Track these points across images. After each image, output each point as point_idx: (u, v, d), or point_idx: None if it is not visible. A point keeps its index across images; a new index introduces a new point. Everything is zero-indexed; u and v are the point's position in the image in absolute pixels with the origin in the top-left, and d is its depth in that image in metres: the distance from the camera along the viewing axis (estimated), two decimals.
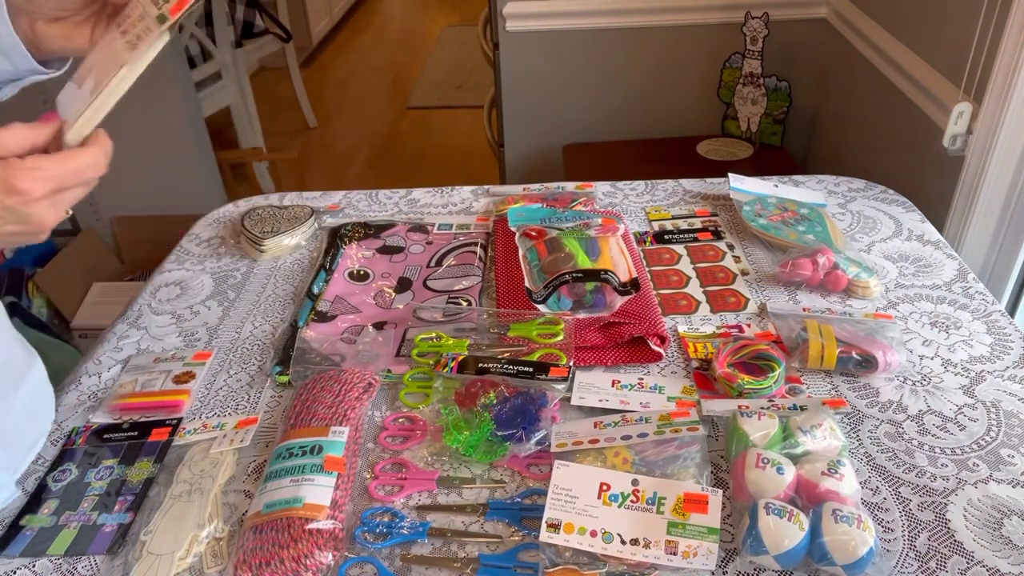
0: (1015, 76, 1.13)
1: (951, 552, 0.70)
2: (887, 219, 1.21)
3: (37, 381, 0.86)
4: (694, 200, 1.30)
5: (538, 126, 2.14)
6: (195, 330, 1.05)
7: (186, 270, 1.18)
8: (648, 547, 0.70)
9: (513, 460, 0.82)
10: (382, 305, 1.07)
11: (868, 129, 1.71)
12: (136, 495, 0.80)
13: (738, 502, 0.74)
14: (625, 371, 0.93)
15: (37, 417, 0.87)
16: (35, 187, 0.57)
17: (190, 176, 2.53)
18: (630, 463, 0.78)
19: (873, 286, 1.03)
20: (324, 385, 0.88)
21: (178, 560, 0.72)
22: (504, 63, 2.03)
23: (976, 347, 0.94)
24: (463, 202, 1.32)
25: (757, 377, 0.87)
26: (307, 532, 0.71)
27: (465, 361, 0.91)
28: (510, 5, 1.93)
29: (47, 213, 0.59)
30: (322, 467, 0.76)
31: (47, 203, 0.58)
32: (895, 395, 0.88)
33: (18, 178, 0.56)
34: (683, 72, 2.04)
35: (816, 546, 0.67)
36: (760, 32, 1.84)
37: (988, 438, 0.82)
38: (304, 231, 1.23)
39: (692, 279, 1.10)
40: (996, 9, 1.18)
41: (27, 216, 0.57)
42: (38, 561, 0.75)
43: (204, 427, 0.88)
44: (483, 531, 0.75)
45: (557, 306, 1.01)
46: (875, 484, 0.77)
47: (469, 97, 4.05)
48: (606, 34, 1.99)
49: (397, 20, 5.60)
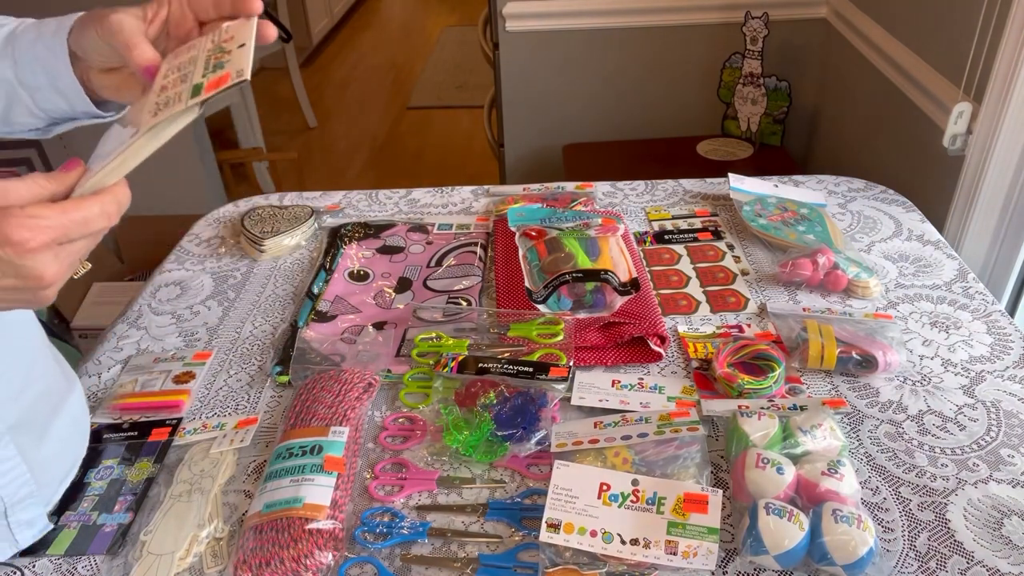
0: (1015, 76, 1.13)
1: (951, 552, 0.70)
2: (887, 219, 1.21)
3: (75, 408, 0.83)
4: (694, 200, 1.30)
5: (538, 126, 2.14)
6: (195, 330, 1.05)
7: (186, 270, 1.18)
8: (648, 547, 0.70)
9: (513, 460, 0.82)
10: (382, 305, 1.07)
11: (868, 129, 1.71)
12: (136, 495, 0.80)
13: (738, 502, 0.74)
14: (625, 371, 0.93)
15: (72, 445, 0.83)
16: (30, 237, 0.51)
17: (190, 176, 2.53)
18: (630, 463, 0.78)
19: (873, 286, 1.03)
20: (324, 385, 0.88)
21: (178, 560, 0.72)
22: (504, 63, 2.03)
23: (976, 347, 0.94)
24: (463, 202, 1.32)
25: (757, 377, 0.87)
26: (307, 532, 0.71)
27: (465, 361, 0.91)
28: (510, 5, 1.93)
29: (47, 267, 0.53)
30: (322, 467, 0.76)
31: (48, 256, 0.53)
32: (895, 395, 0.88)
33: (11, 227, 0.51)
34: (683, 72, 2.04)
35: (816, 546, 0.67)
36: (760, 32, 1.84)
37: (988, 438, 0.82)
38: (304, 231, 1.23)
39: (692, 279, 1.10)
40: (996, 9, 1.18)
41: (23, 269, 0.52)
42: (38, 561, 0.75)
43: (204, 427, 0.88)
44: (483, 531, 0.75)
45: (557, 306, 1.01)
46: (875, 484, 0.77)
47: (469, 97, 4.05)
48: (606, 34, 1.99)
49: (397, 20, 5.60)
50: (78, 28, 0.68)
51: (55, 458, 0.79)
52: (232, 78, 0.59)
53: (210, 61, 0.62)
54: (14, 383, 0.73)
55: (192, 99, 0.58)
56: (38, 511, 0.75)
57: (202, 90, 0.59)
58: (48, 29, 0.69)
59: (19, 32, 0.70)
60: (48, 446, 0.77)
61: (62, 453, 0.81)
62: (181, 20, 0.69)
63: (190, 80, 0.61)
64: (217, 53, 0.63)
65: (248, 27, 0.65)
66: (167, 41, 0.70)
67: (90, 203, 0.56)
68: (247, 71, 0.60)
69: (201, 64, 0.62)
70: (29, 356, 0.76)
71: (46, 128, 0.75)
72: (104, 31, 0.64)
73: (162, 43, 0.69)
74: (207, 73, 0.61)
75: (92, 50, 0.67)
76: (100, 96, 0.71)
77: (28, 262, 0.52)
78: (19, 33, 0.69)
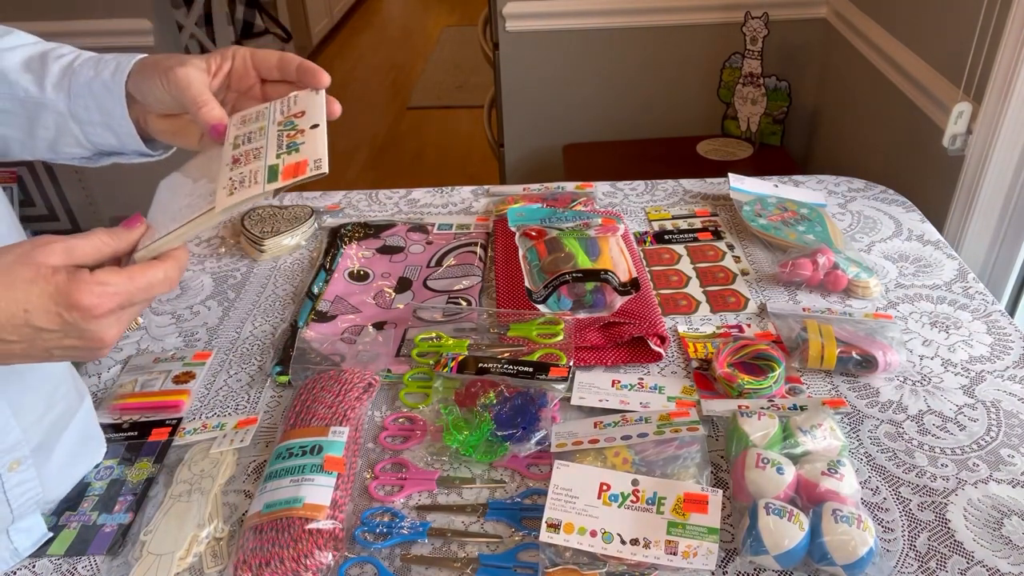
0: (1015, 76, 1.13)
1: (951, 552, 0.70)
2: (887, 219, 1.21)
3: (84, 419, 0.82)
4: (694, 200, 1.30)
5: (538, 126, 2.14)
6: (195, 330, 1.05)
7: (186, 270, 1.18)
8: (648, 547, 0.70)
9: (513, 460, 0.82)
10: (382, 305, 1.07)
11: (868, 129, 1.71)
12: (136, 495, 0.80)
13: (738, 502, 0.74)
14: (625, 371, 0.93)
15: (79, 456, 0.82)
16: (98, 304, 0.54)
17: None
18: (630, 463, 0.78)
19: (873, 286, 1.03)
20: (324, 385, 0.88)
21: (178, 560, 0.72)
22: (504, 63, 2.03)
23: (976, 347, 0.94)
24: (463, 202, 1.32)
25: (757, 377, 0.87)
26: (307, 532, 0.71)
27: (465, 361, 0.91)
28: (510, 5, 1.93)
29: (109, 330, 0.55)
30: (322, 467, 0.76)
31: (111, 319, 0.55)
32: (895, 395, 0.88)
33: (82, 293, 0.53)
34: (683, 72, 2.04)
35: (816, 546, 0.67)
36: (760, 32, 1.84)
37: (988, 438, 0.82)
38: (304, 231, 1.23)
39: (692, 279, 1.10)
40: (996, 9, 1.18)
41: (88, 332, 0.54)
42: (38, 561, 0.75)
43: (204, 427, 0.88)
44: (483, 531, 0.75)
45: (557, 306, 1.01)
46: (875, 484, 0.77)
47: (469, 97, 4.05)
48: (606, 34, 1.99)
49: (397, 20, 5.60)
50: (138, 73, 0.68)
51: (63, 469, 0.79)
52: (310, 169, 0.60)
53: (283, 139, 0.63)
54: (39, 408, 0.73)
55: (269, 185, 0.59)
56: (36, 517, 0.75)
57: (279, 175, 0.59)
58: (107, 69, 0.69)
59: (77, 66, 0.70)
60: (57, 459, 0.77)
61: (70, 464, 0.81)
62: (244, 75, 0.70)
63: (264, 158, 0.61)
64: (289, 131, 0.63)
65: (318, 102, 0.66)
66: (226, 93, 0.71)
67: (155, 270, 0.58)
68: (325, 162, 0.60)
69: (274, 140, 0.63)
70: (55, 380, 0.76)
71: (92, 158, 0.75)
72: (171, 84, 0.65)
73: (221, 95, 0.70)
74: (281, 154, 0.61)
75: (153, 98, 0.67)
76: (152, 137, 0.72)
77: (92, 326, 0.54)
78: (77, 67, 0.70)
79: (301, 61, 0.68)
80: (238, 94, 0.71)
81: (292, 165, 0.60)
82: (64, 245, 0.55)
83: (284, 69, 0.69)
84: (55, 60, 0.70)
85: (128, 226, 0.60)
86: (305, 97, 0.67)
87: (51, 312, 0.53)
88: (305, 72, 0.68)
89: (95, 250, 0.57)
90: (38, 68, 0.69)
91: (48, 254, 0.54)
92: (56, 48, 0.72)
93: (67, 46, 0.73)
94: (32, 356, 0.56)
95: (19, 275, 0.53)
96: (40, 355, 0.56)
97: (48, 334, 0.54)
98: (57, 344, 0.55)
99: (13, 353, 0.55)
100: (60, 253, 0.55)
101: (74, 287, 0.53)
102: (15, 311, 0.52)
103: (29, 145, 0.72)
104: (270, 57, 0.69)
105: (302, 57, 0.69)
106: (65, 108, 0.69)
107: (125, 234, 0.59)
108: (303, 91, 0.68)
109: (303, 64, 0.68)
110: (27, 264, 0.53)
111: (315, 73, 0.68)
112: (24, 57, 0.70)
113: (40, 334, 0.54)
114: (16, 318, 0.53)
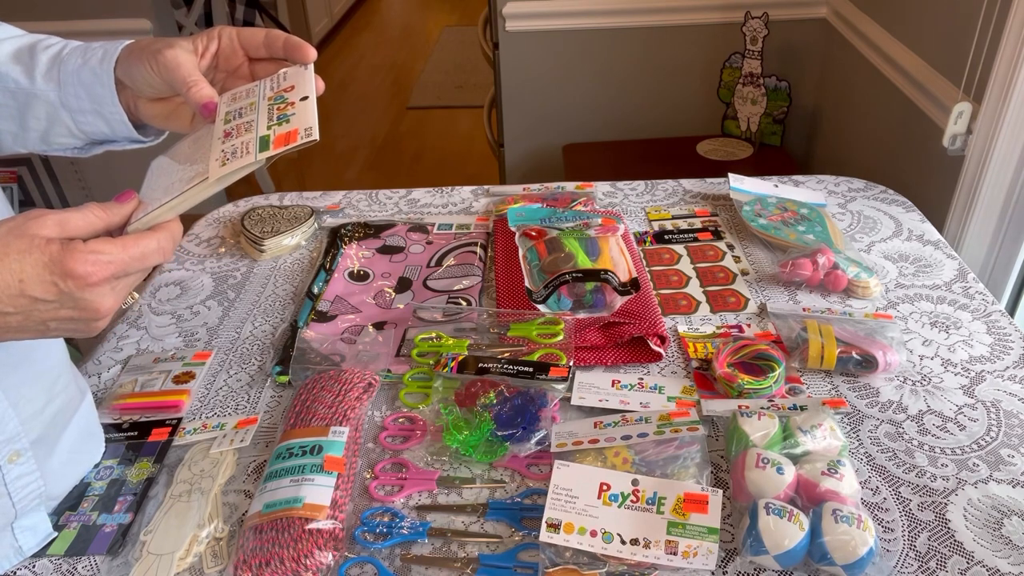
0: (1015, 76, 1.13)
1: (951, 552, 0.70)
2: (887, 219, 1.21)
3: (85, 415, 0.82)
4: (694, 200, 1.30)
5: (538, 126, 2.14)
6: (195, 330, 1.05)
7: (186, 270, 1.18)
8: (648, 547, 0.70)
9: (513, 460, 0.82)
10: (382, 305, 1.07)
11: (868, 129, 1.71)
12: (136, 495, 0.80)
13: (738, 502, 0.74)
14: (625, 371, 0.93)
15: (81, 452, 0.82)
16: (93, 271, 0.54)
17: None
18: (630, 463, 0.78)
19: (873, 286, 1.03)
20: (324, 385, 0.88)
21: (178, 560, 0.72)
22: (504, 63, 2.03)
23: (976, 347, 0.94)
24: (463, 202, 1.32)
25: (757, 377, 0.87)
26: (307, 532, 0.71)
27: (465, 361, 0.91)
28: (510, 5, 1.93)
29: (104, 299, 0.56)
30: (322, 467, 0.76)
31: (106, 289, 0.56)
32: (895, 395, 0.88)
33: (76, 261, 0.53)
34: (683, 72, 2.04)
35: (816, 546, 0.67)
36: (760, 32, 1.85)
37: (988, 438, 0.82)
38: (304, 231, 1.23)
39: (692, 279, 1.10)
40: (996, 9, 1.18)
41: (83, 301, 0.55)
42: (38, 561, 0.75)
43: (204, 427, 0.88)
44: (483, 531, 0.75)
45: (557, 306, 1.01)
46: (875, 484, 0.77)
47: (469, 97, 4.05)
48: (606, 34, 2.00)
49: (397, 20, 5.60)
50: (126, 58, 0.68)
51: (65, 465, 0.79)
52: (300, 136, 0.60)
53: (273, 112, 0.63)
54: (39, 400, 0.73)
55: (261, 153, 0.59)
56: (41, 515, 0.75)
57: (270, 144, 0.60)
58: (95, 56, 0.69)
59: (65, 55, 0.70)
60: (59, 455, 0.77)
61: (72, 460, 0.81)
62: (231, 55, 0.71)
63: (255, 130, 0.62)
64: (279, 104, 0.64)
65: (307, 77, 0.67)
66: (215, 73, 0.71)
67: (148, 239, 0.58)
68: (315, 130, 0.60)
69: (264, 113, 0.63)
70: (55, 372, 0.76)
71: (84, 148, 0.75)
72: (160, 67, 0.65)
73: (210, 75, 0.70)
74: (272, 125, 0.62)
75: (143, 82, 0.68)
76: (144, 123, 0.72)
77: (87, 295, 0.55)
78: (65, 56, 0.70)
79: (287, 37, 0.69)
80: (227, 74, 0.72)
81: (283, 134, 0.61)
82: (57, 217, 0.56)
83: (271, 46, 0.69)
84: (43, 50, 0.70)
85: (120, 200, 0.61)
86: (294, 73, 0.68)
87: (46, 281, 0.53)
88: (292, 48, 0.69)
89: (87, 223, 0.58)
90: (27, 59, 0.70)
91: (41, 226, 0.55)
92: (44, 39, 0.72)
93: (54, 37, 0.73)
94: (28, 329, 0.56)
95: (13, 246, 0.53)
96: (36, 328, 0.56)
97: (44, 304, 0.54)
98: (53, 315, 0.55)
99: (9, 326, 0.55)
100: (53, 225, 0.55)
101: (68, 256, 0.54)
102: (10, 281, 0.53)
103: (21, 137, 0.73)
104: (256, 35, 0.70)
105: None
106: (56, 98, 0.69)
107: (117, 208, 0.60)
108: (292, 68, 0.69)
109: (289, 40, 0.69)
110: (20, 236, 0.54)
111: (301, 47, 0.68)
112: (12, 49, 0.70)
113: (36, 304, 0.54)
114: (11, 288, 0.53)
